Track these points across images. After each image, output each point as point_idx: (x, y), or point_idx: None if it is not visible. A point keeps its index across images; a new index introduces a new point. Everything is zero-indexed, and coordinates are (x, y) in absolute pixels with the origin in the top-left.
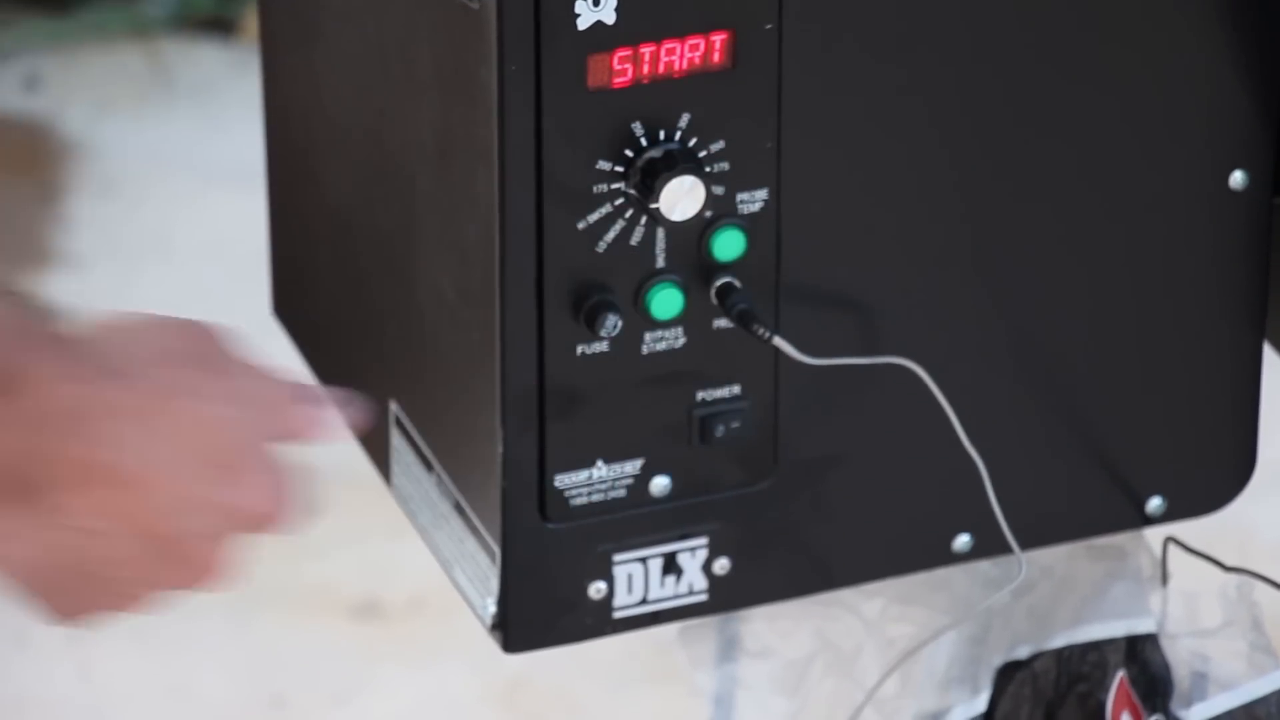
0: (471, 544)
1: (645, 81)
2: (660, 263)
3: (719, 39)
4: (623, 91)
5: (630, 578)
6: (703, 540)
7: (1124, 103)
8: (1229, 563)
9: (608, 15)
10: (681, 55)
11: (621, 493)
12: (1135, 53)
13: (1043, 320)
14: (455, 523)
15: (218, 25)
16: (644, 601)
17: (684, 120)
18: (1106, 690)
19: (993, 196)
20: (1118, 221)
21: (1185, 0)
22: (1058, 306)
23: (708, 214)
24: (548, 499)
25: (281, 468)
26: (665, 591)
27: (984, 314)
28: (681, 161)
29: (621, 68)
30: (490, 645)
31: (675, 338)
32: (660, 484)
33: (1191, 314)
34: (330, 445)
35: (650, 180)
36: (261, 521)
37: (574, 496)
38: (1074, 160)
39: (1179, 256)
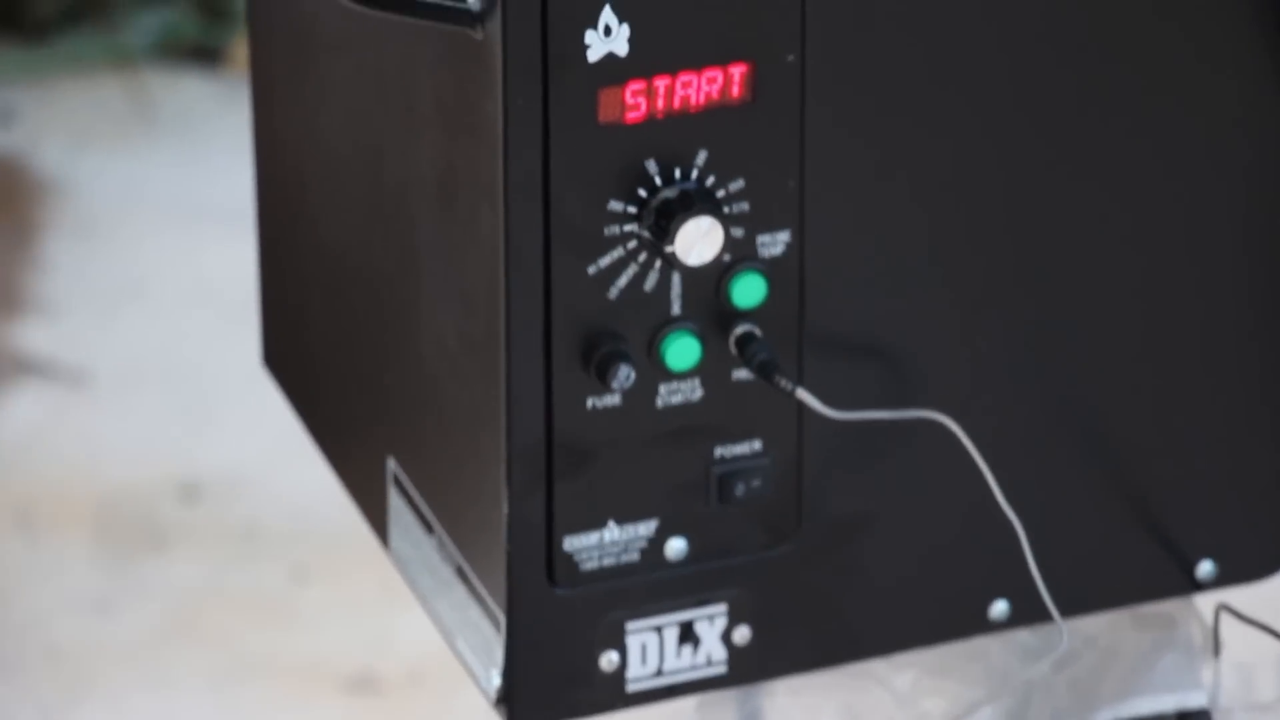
0: (474, 612)
1: (660, 116)
2: (676, 310)
3: (738, 71)
4: (636, 127)
5: (644, 648)
6: (722, 607)
7: (1170, 143)
8: None
9: (620, 46)
10: (698, 89)
11: (635, 556)
12: (1180, 89)
13: (1083, 372)
14: (457, 589)
15: (203, 54)
16: (659, 673)
17: (701, 158)
18: None
19: (1029, 241)
20: (1165, 269)
21: (1237, 26)
22: (1100, 357)
23: (726, 258)
24: (556, 563)
25: None
26: (682, 662)
27: (1021, 365)
28: (698, 201)
29: (634, 102)
30: None
31: (692, 390)
32: (676, 547)
33: (1243, 367)
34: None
35: (665, 222)
36: None
37: (584, 560)
38: (1116, 200)
39: (1230, 308)
